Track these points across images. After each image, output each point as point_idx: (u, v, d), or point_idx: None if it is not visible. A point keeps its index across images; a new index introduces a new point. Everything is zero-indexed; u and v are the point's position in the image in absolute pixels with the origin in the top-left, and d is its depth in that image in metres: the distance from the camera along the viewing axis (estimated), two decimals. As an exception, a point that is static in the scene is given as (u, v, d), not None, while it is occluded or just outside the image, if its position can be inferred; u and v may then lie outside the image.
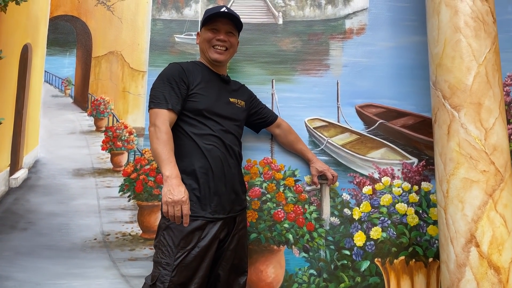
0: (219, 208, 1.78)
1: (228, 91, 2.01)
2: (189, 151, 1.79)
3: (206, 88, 1.89)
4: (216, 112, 1.87)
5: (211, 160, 1.79)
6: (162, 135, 1.70)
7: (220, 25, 1.94)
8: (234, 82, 2.13)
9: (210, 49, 1.95)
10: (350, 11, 2.54)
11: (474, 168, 1.84)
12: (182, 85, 1.82)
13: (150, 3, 2.52)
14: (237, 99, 2.02)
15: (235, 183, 1.88)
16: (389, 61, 2.46)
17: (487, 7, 2.00)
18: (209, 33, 1.94)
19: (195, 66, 1.95)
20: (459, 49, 1.95)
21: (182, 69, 1.86)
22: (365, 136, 2.40)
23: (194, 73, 1.89)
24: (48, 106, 2.40)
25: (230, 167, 1.85)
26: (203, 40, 1.97)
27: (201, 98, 1.85)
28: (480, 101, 1.88)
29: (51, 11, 2.49)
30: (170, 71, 1.85)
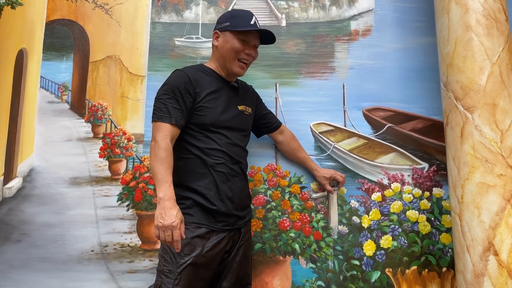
0: (223, 220, 1.72)
1: (236, 98, 1.91)
2: (193, 167, 1.72)
3: (214, 99, 1.79)
4: (223, 126, 1.78)
5: (217, 176, 1.72)
6: (161, 152, 1.61)
7: (252, 38, 1.83)
8: (242, 86, 2.03)
9: (234, 61, 1.82)
10: (355, 12, 2.47)
11: (490, 172, 1.75)
12: (188, 97, 1.71)
13: (149, 6, 2.45)
14: (246, 106, 1.93)
15: (242, 197, 1.81)
16: (397, 63, 2.38)
17: (499, 4, 1.94)
18: (239, 44, 1.80)
19: (202, 74, 1.83)
20: (471, 48, 1.87)
21: (189, 79, 1.73)
22: (373, 140, 2.31)
23: (201, 83, 1.77)
24: (44, 112, 2.33)
25: (236, 181, 1.78)
26: (230, 49, 1.81)
27: (208, 111, 1.75)
28: (494, 102, 1.80)
29: (47, 15, 2.43)
30: (177, 81, 1.73)
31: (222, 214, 1.71)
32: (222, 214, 1.71)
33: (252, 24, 1.81)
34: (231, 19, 1.82)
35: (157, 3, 2.46)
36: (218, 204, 1.70)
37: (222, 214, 1.71)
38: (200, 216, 1.67)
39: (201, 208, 1.68)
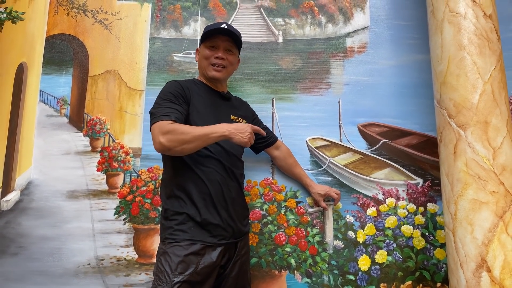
0: (219, 234, 1.71)
1: (229, 108, 1.95)
2: (187, 176, 1.72)
3: (206, 107, 1.83)
4: None
5: (210, 184, 1.71)
6: (183, 127, 1.60)
7: (219, 42, 1.89)
8: (236, 99, 2.08)
9: (208, 66, 1.89)
10: (351, 30, 2.52)
11: (483, 189, 1.77)
12: (182, 101, 1.74)
13: (149, 21, 2.49)
14: (239, 117, 1.96)
15: (236, 207, 1.80)
16: (392, 79, 2.42)
17: (491, 24, 1.98)
18: (207, 51, 1.89)
19: (193, 84, 1.89)
20: (463, 66, 1.91)
21: (180, 86, 1.79)
22: (368, 156, 2.34)
23: (192, 91, 1.82)
24: (42, 126, 2.35)
25: (230, 190, 1.77)
26: (202, 58, 1.91)
27: (200, 117, 1.77)
28: (487, 120, 1.84)
29: (48, 29, 2.47)
30: (170, 88, 1.78)
31: (217, 226, 1.70)
32: (217, 226, 1.70)
33: (219, 27, 1.86)
34: (203, 34, 1.91)
35: (156, 19, 2.50)
36: (213, 214, 1.70)
37: (217, 226, 1.70)
38: (194, 231, 1.66)
39: (195, 222, 1.68)
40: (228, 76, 1.98)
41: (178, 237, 1.64)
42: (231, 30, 1.88)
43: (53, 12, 2.48)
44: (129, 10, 2.49)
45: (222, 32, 1.87)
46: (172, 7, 2.51)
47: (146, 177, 2.26)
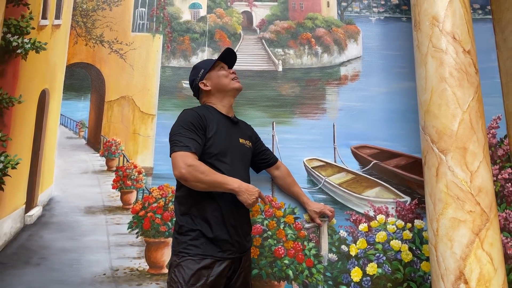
0: (228, 249, 1.88)
1: (237, 132, 2.13)
2: (201, 195, 1.88)
3: (219, 132, 1.99)
4: (228, 156, 1.98)
5: (222, 204, 1.89)
6: (203, 167, 1.79)
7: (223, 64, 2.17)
8: (242, 122, 2.27)
9: (231, 81, 2.11)
10: (345, 59, 2.74)
11: (461, 209, 1.96)
12: (201, 130, 1.91)
13: (160, 51, 2.72)
14: (246, 140, 2.15)
15: (243, 224, 1.99)
16: (382, 105, 2.63)
17: (470, 59, 2.18)
18: (223, 71, 2.13)
19: (207, 110, 2.05)
20: (445, 97, 2.11)
21: (198, 115, 1.95)
22: (360, 175, 2.55)
23: (208, 118, 1.99)
24: (63, 147, 2.56)
25: (239, 209, 1.94)
26: (222, 77, 2.11)
27: (215, 142, 1.95)
28: (465, 146, 2.03)
29: (68, 58, 2.69)
30: (189, 117, 1.94)
31: (226, 242, 1.88)
32: (226, 242, 1.88)
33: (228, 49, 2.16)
34: (201, 66, 2.16)
35: (167, 49, 2.73)
36: (223, 231, 1.87)
37: (226, 242, 1.88)
38: (206, 247, 1.84)
39: (206, 238, 1.85)
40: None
41: (191, 251, 1.82)
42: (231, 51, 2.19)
43: (73, 43, 2.71)
44: (142, 41, 2.73)
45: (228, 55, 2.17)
46: (181, 38, 2.75)
47: (157, 194, 2.47)
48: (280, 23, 2.80)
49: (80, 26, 2.73)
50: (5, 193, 2.44)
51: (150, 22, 2.76)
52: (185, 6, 2.81)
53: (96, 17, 2.75)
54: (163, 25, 2.76)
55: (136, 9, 2.77)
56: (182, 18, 2.79)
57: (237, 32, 2.79)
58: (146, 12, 2.77)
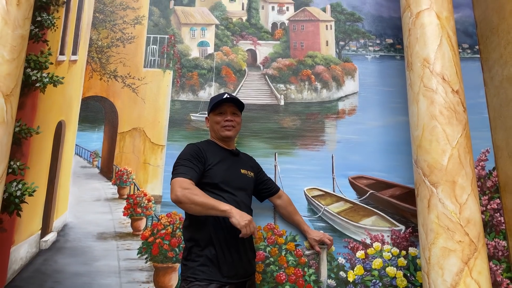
0: (232, 274, 2.01)
1: (238, 163, 2.29)
2: (207, 222, 2.04)
3: (220, 163, 2.17)
4: (230, 185, 2.13)
5: (226, 230, 2.03)
6: (197, 191, 1.93)
7: (226, 108, 2.27)
8: (244, 154, 2.43)
9: (221, 128, 2.26)
10: (343, 95, 2.93)
11: (451, 239, 2.11)
12: (200, 162, 2.08)
13: (170, 86, 2.91)
14: (247, 171, 2.30)
15: (247, 250, 2.12)
16: (378, 138, 2.81)
17: (458, 98, 2.34)
18: (218, 117, 2.27)
19: (208, 145, 2.25)
20: (435, 134, 2.27)
21: (198, 148, 2.15)
22: (357, 204, 2.70)
23: (209, 151, 2.18)
24: (77, 175, 2.72)
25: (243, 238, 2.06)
26: (214, 123, 2.28)
27: (216, 172, 2.12)
28: (454, 179, 2.18)
29: (83, 92, 2.87)
30: (189, 150, 2.14)
31: (231, 268, 2.00)
32: (231, 268, 2.00)
33: (223, 98, 2.25)
34: (209, 105, 2.32)
35: (177, 84, 2.92)
36: (227, 257, 2.00)
37: (231, 268, 2.00)
38: (212, 272, 1.97)
39: (213, 264, 1.98)
40: (236, 133, 2.34)
41: (198, 276, 1.95)
42: (234, 97, 2.27)
43: (88, 77, 2.90)
44: (153, 76, 2.92)
45: (227, 101, 2.26)
46: (190, 74, 2.94)
47: (166, 221, 2.61)
48: (282, 61, 3.00)
49: (95, 61, 2.93)
50: (22, 219, 2.58)
51: (161, 58, 2.96)
52: (193, 44, 3.02)
53: (110, 53, 2.94)
54: (173, 61, 2.96)
55: (148, 46, 2.97)
56: (191, 55, 2.99)
57: (242, 69, 2.99)
58: (157, 49, 2.97)
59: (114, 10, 3.02)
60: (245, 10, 3.14)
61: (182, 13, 3.07)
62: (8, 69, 2.38)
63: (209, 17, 3.07)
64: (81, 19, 3.00)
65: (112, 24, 2.99)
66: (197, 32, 3.04)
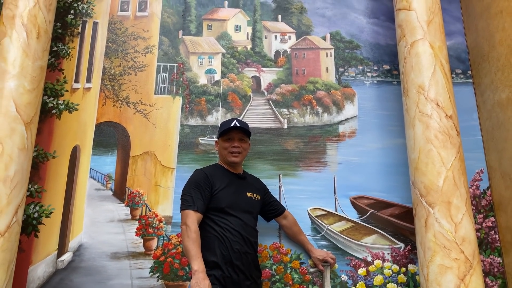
0: None
1: (245, 187, 2.42)
2: (213, 244, 2.16)
3: (226, 188, 2.30)
4: (236, 208, 2.27)
5: (232, 252, 2.15)
6: (192, 234, 2.08)
7: (234, 135, 2.41)
8: (250, 177, 2.56)
9: (228, 154, 2.40)
10: (343, 118, 3.09)
11: (447, 256, 2.22)
12: (207, 188, 2.23)
13: (179, 111, 3.07)
14: (253, 193, 2.43)
15: (252, 270, 2.23)
16: (377, 159, 2.95)
17: (452, 123, 2.48)
18: (226, 143, 2.41)
19: (216, 169, 2.39)
20: (431, 156, 2.40)
21: (205, 174, 2.29)
22: (359, 223, 2.83)
23: (216, 176, 2.32)
24: (92, 197, 2.85)
25: (247, 257, 2.21)
26: (222, 148, 2.42)
27: (223, 197, 2.26)
28: (449, 200, 2.31)
29: (97, 118, 3.03)
30: (197, 177, 2.29)
31: (237, 286, 2.12)
32: (237, 286, 2.12)
33: (231, 126, 2.38)
34: (219, 130, 2.47)
35: (186, 109, 3.08)
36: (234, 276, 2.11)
37: (237, 286, 2.12)
38: None
39: (220, 283, 2.09)
40: (243, 159, 2.48)
41: None
42: (241, 126, 2.40)
43: (102, 104, 3.06)
44: (163, 102, 3.08)
45: (235, 128, 2.40)
46: (198, 99, 3.11)
47: (176, 241, 2.73)
48: (285, 86, 3.17)
49: (108, 89, 3.09)
50: (39, 240, 2.71)
51: (171, 85, 3.12)
52: (201, 72, 3.19)
53: (122, 81, 3.11)
54: (182, 88, 3.13)
55: (158, 74, 3.14)
56: (199, 82, 3.16)
57: (247, 94, 3.16)
58: (167, 77, 3.14)
59: (126, 40, 3.20)
60: (249, 39, 3.32)
61: (190, 42, 3.26)
62: (29, 99, 2.53)
63: (216, 46, 3.25)
64: (94, 48, 3.17)
65: (124, 53, 3.17)
66: (205, 60, 3.22)
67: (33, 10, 2.66)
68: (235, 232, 2.22)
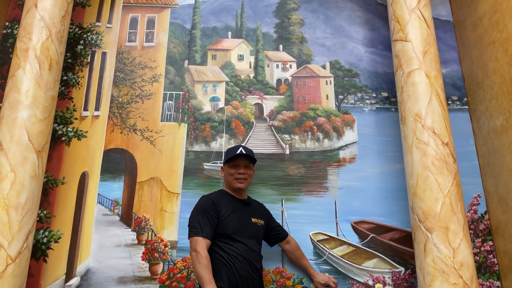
0: None
1: (250, 212, 2.48)
2: (220, 270, 2.22)
3: (232, 214, 2.37)
4: (241, 234, 2.33)
5: (238, 278, 2.21)
6: (203, 260, 2.15)
7: (240, 162, 2.49)
8: (254, 202, 2.62)
9: (233, 180, 2.48)
10: (343, 144, 3.19)
11: (446, 281, 2.28)
12: (214, 215, 2.30)
13: (185, 138, 3.17)
14: (258, 219, 2.49)
15: (256, 294, 2.31)
16: (377, 184, 3.03)
17: (448, 150, 2.56)
18: (232, 169, 2.49)
19: (221, 195, 2.46)
20: (428, 183, 2.47)
21: (212, 201, 2.36)
22: (360, 248, 2.89)
23: (222, 202, 2.38)
24: (99, 223, 2.93)
25: (254, 283, 2.27)
26: (227, 174, 2.50)
27: (229, 223, 2.32)
28: (447, 225, 2.37)
29: (105, 145, 3.14)
30: (204, 204, 2.35)
31: None
32: None
33: (237, 153, 2.46)
34: (225, 157, 2.55)
35: (191, 136, 3.18)
36: None
37: None
38: None
39: None
40: (248, 185, 2.55)
41: None
42: (247, 154, 2.49)
43: (110, 131, 3.17)
44: (169, 129, 3.19)
45: (241, 155, 2.49)
46: (203, 126, 3.21)
47: (181, 265, 2.80)
48: (287, 113, 3.28)
49: (116, 116, 3.20)
50: (48, 265, 2.78)
51: (177, 113, 3.24)
52: (206, 99, 3.31)
53: (130, 109, 3.23)
54: (188, 115, 3.24)
55: (164, 102, 3.26)
56: (203, 109, 3.28)
57: (250, 121, 3.26)
58: (173, 105, 3.26)
59: (134, 69, 3.33)
60: (252, 68, 3.45)
61: (195, 71, 3.38)
62: (40, 128, 2.63)
63: (220, 75, 3.38)
64: (103, 77, 3.30)
65: (131, 82, 3.29)
66: (209, 89, 3.34)
67: (46, 43, 2.77)
68: (241, 258, 2.27)
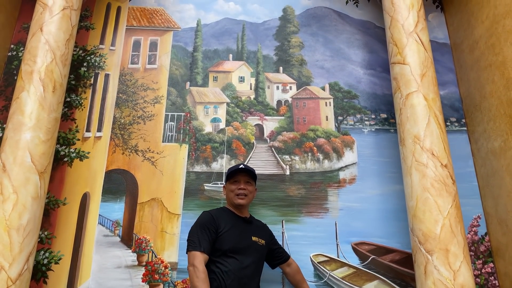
0: None
1: (251, 231, 2.47)
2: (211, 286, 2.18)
3: (231, 230, 2.36)
4: (238, 252, 2.31)
5: None
6: (201, 274, 2.14)
7: (240, 177, 2.51)
8: (257, 221, 2.62)
9: (234, 197, 2.49)
10: (343, 165, 3.21)
11: (447, 304, 2.29)
12: (213, 230, 2.30)
13: (186, 159, 3.20)
14: (259, 238, 2.48)
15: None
16: (377, 205, 3.04)
17: (447, 172, 2.58)
18: (232, 185, 2.51)
19: (222, 212, 2.47)
20: (428, 204, 2.48)
21: (212, 217, 2.36)
22: (360, 269, 2.88)
23: (221, 219, 2.38)
24: (100, 244, 2.94)
25: None
26: (229, 191, 2.52)
27: (226, 239, 2.31)
28: (447, 247, 2.38)
29: (107, 165, 3.16)
30: (203, 219, 2.36)
31: None
32: None
33: (238, 168, 2.49)
34: (227, 173, 2.56)
35: (192, 156, 3.21)
36: None
37: None
38: None
39: None
40: (249, 201, 2.54)
41: None
42: (248, 168, 2.53)
43: (112, 152, 3.20)
44: (171, 150, 3.22)
45: (242, 171, 2.51)
46: (204, 147, 3.25)
47: (181, 287, 2.79)
48: (287, 134, 3.31)
49: (118, 137, 3.24)
50: (48, 286, 2.77)
51: (178, 134, 3.27)
52: (207, 120, 3.35)
53: (132, 130, 3.26)
54: (189, 136, 3.27)
55: (166, 123, 3.30)
56: (204, 130, 3.31)
57: (250, 142, 3.30)
58: (174, 126, 3.30)
59: (136, 91, 3.38)
60: (252, 89, 3.50)
61: (197, 93, 3.44)
62: (43, 149, 2.66)
63: (221, 96, 3.43)
64: (106, 99, 3.35)
65: (134, 103, 3.34)
66: (210, 110, 3.38)
67: (50, 66, 2.82)
68: (233, 276, 2.24)
